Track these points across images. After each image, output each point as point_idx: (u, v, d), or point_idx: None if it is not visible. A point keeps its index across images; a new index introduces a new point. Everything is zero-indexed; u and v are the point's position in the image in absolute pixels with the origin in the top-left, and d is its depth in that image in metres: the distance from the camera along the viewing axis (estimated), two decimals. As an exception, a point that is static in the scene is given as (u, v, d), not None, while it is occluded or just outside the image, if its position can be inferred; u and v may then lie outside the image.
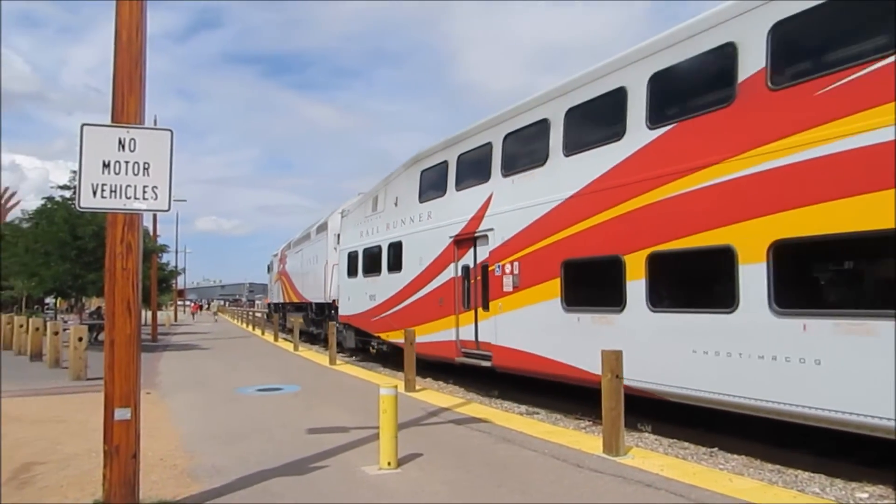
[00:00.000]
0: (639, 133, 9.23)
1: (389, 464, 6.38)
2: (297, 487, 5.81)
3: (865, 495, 6.47)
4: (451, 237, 14.00)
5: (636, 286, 9.09)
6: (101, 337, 5.67)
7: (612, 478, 6.11)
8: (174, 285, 56.81)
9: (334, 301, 22.80)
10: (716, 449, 8.31)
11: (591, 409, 9.81)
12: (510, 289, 11.91)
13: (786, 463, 7.51)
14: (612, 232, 9.59)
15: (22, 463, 6.79)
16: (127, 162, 4.87)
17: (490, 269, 12.54)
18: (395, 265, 16.93)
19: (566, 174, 10.63)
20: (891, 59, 6.33)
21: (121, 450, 4.68)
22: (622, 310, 9.30)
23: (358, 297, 19.55)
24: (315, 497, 5.51)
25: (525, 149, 12.00)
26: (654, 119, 9.04)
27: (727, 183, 7.86)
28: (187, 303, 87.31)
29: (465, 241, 13.58)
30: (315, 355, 20.33)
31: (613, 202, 9.57)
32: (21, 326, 21.46)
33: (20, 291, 32.97)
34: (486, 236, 12.76)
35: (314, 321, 24.84)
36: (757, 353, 7.37)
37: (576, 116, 10.66)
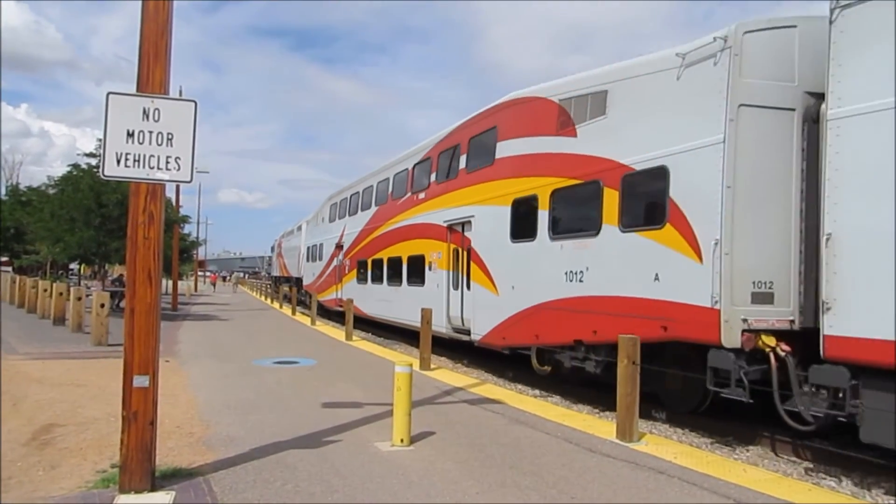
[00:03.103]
0: (375, 207, 21.56)
1: (402, 441, 6.42)
2: (310, 460, 5.87)
3: (881, 491, 6.41)
4: (335, 244, 26.62)
5: (371, 273, 21.30)
6: (123, 304, 5.73)
7: (625, 463, 6.10)
8: (195, 256, 57.44)
9: (302, 277, 35.85)
10: (731, 439, 8.26)
11: (604, 395, 9.79)
12: (347, 272, 24.64)
13: (801, 456, 7.45)
14: (367, 248, 21.86)
15: (43, 424, 6.94)
16: (151, 132, 4.87)
17: (343, 262, 25.28)
18: (320, 257, 30.10)
19: (362, 220, 23.00)
20: (406, 196, 18.46)
21: (138, 416, 4.75)
22: (367, 283, 21.61)
23: (309, 274, 33.20)
24: (328, 470, 5.57)
25: (353, 205, 24.75)
26: (376, 203, 21.42)
27: (387, 232, 19.62)
28: (207, 273, 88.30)
29: (338, 247, 26.20)
30: (331, 330, 20.50)
31: (367, 235, 21.93)
32: (45, 291, 21.85)
33: (45, 256, 33.51)
34: (342, 245, 25.51)
35: (296, 289, 36.30)
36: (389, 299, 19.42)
37: (364, 193, 23.22)
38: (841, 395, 6.68)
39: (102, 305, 14.53)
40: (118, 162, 4.79)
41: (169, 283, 32.16)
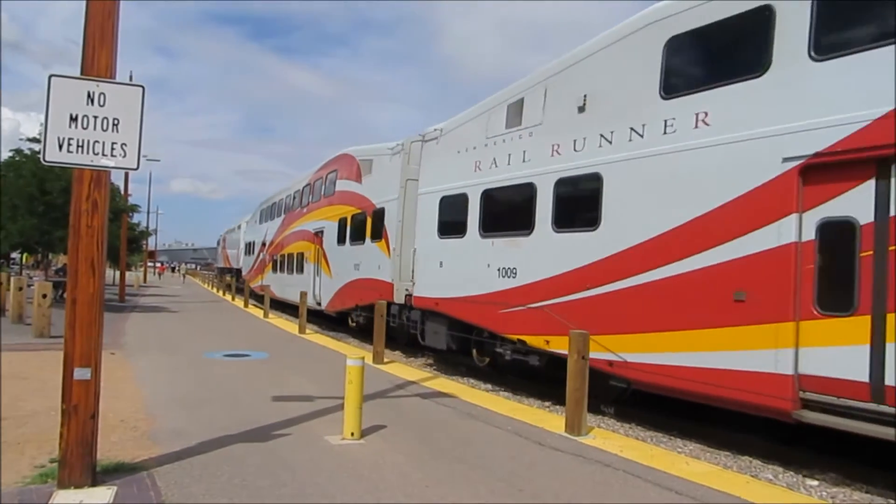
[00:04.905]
0: (283, 215, 28.95)
1: (353, 434, 6.40)
2: (259, 454, 5.80)
3: (815, 483, 6.67)
4: (262, 242, 33.77)
5: (279, 265, 28.04)
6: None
7: (573, 457, 6.20)
8: (145, 246, 55.99)
9: (241, 268, 42.06)
10: (675, 433, 8.48)
11: (555, 390, 9.93)
12: (267, 264, 31.10)
13: (741, 449, 7.69)
14: (277, 246, 29.07)
15: (-22, 418, 6.67)
16: (96, 117, 4.73)
17: (265, 256, 31.90)
18: (253, 251, 36.92)
19: (276, 224, 30.17)
20: (298, 209, 26.22)
21: (79, 409, 4.61)
22: (277, 273, 28.42)
23: (246, 266, 39.75)
24: (276, 464, 5.52)
25: (272, 212, 32.01)
26: (284, 212, 28.74)
27: (288, 235, 27.11)
28: (157, 264, 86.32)
29: (263, 244, 33.38)
30: (284, 323, 20.26)
31: (279, 236, 29.13)
32: (-16, 280, 20.97)
33: (-15, 244, 32.16)
34: (265, 243, 32.40)
35: (236, 279, 41.37)
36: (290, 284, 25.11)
37: (279, 204, 30.56)
38: (419, 323, 13.64)
39: (44, 296, 14.05)
40: (60, 147, 4.63)
41: (115, 274, 31.28)
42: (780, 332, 6.72)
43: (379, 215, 16.26)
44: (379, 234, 16.05)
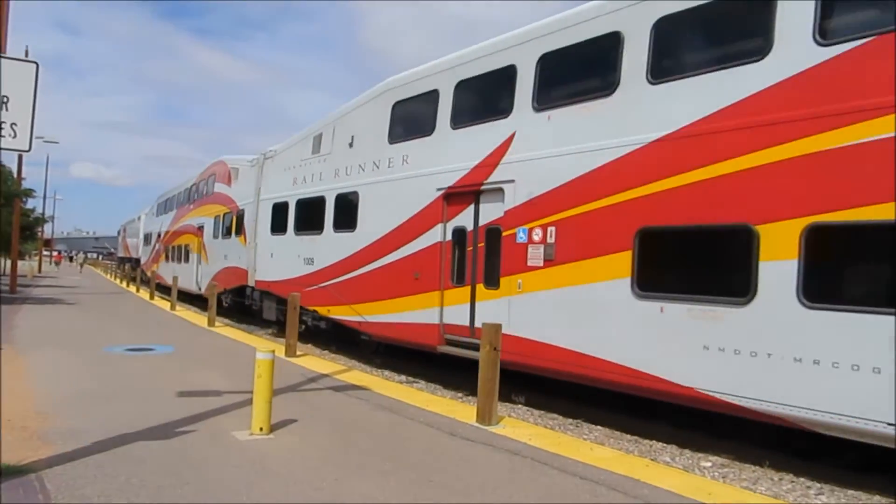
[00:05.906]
0: (175, 210, 31.80)
1: (262, 429, 6.26)
2: (161, 452, 5.58)
3: (709, 464, 7.07)
4: (158, 233, 35.91)
5: (170, 255, 31.32)
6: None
7: (483, 446, 6.31)
8: (40, 234, 52.59)
9: (140, 257, 43.98)
10: (581, 420, 8.78)
11: (467, 380, 10.06)
12: (161, 254, 34.24)
13: (643, 434, 8.06)
14: (169, 238, 31.99)
15: None
16: (-20, 94, 4.40)
17: (160, 247, 34.48)
18: (150, 242, 39.24)
19: (169, 218, 32.93)
20: (186, 205, 29.76)
21: (-42, 409, 4.29)
22: (169, 262, 31.55)
23: (144, 255, 41.95)
24: (180, 461, 5.33)
25: (167, 206, 34.62)
26: (176, 207, 31.76)
27: (178, 228, 29.88)
28: (54, 253, 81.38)
29: (159, 235, 35.48)
30: (193, 315, 19.56)
31: (170, 229, 31.97)
32: None
33: None
34: (160, 234, 34.64)
35: (135, 268, 42.12)
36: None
37: (172, 199, 33.41)
38: (257, 299, 17.53)
39: (-77, 287, 12.96)
40: (-62, 126, 4.28)
41: (7, 263, 29.23)
42: (434, 297, 10.75)
43: (241, 215, 19.86)
44: (240, 230, 19.69)
